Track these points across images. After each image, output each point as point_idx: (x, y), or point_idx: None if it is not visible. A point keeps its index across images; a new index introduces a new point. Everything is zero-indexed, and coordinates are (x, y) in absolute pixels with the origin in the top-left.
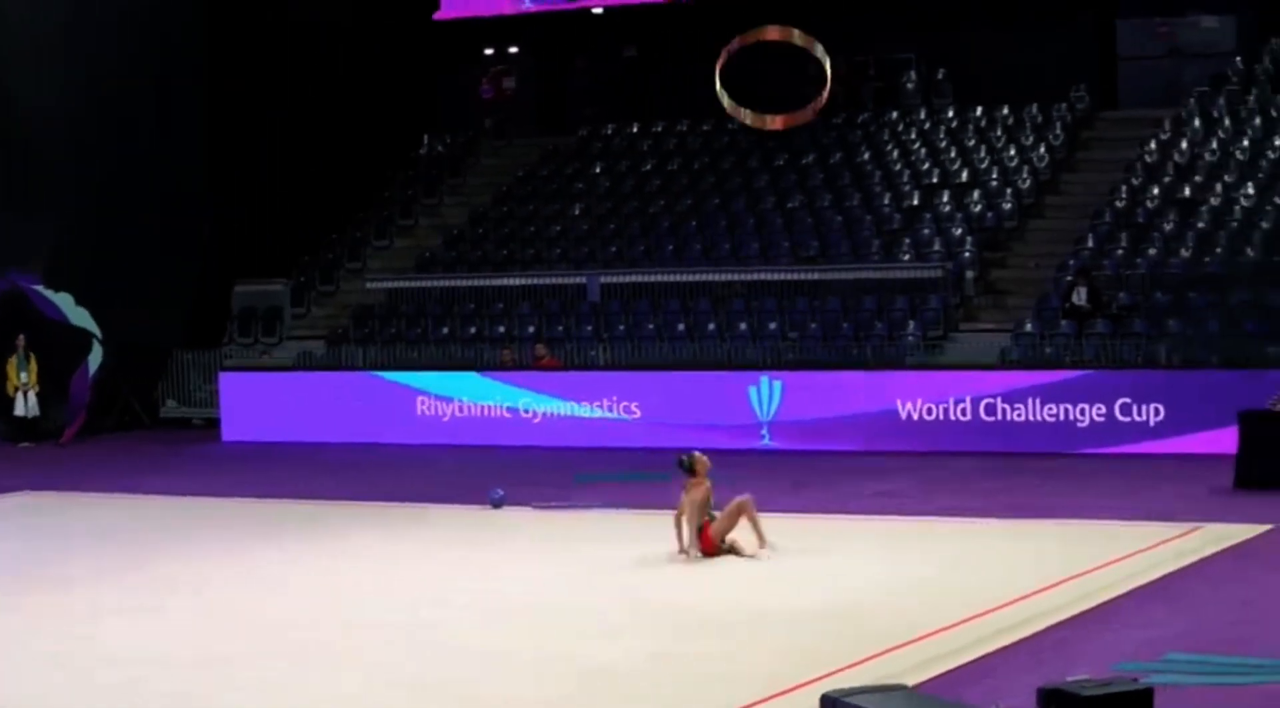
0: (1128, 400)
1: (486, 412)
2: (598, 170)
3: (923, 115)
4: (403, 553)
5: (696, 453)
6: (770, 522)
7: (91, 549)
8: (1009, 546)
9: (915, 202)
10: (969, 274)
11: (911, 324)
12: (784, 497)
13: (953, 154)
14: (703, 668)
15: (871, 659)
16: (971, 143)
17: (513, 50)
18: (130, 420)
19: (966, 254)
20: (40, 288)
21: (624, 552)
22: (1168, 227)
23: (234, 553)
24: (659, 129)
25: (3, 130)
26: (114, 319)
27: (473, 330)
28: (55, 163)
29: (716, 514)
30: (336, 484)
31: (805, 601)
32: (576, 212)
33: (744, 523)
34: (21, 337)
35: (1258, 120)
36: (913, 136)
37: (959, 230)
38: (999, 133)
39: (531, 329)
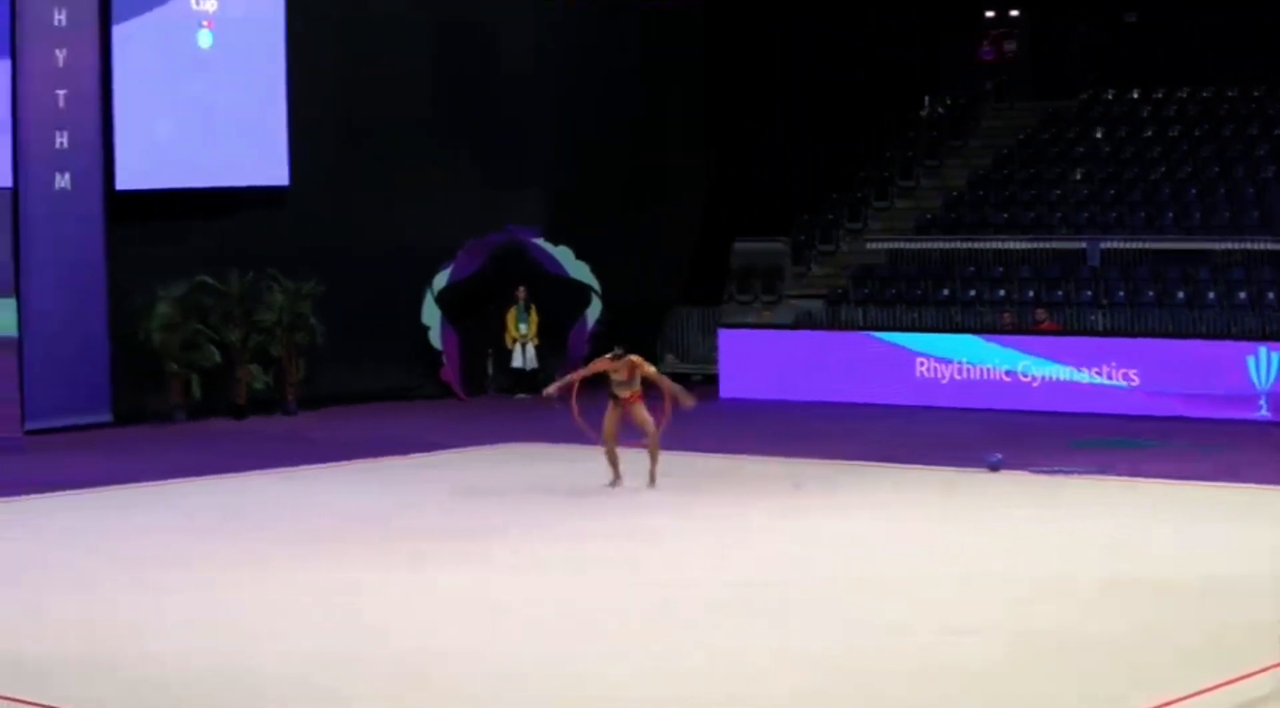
0: None
1: (985, 374)
2: (1098, 135)
3: None
4: (890, 514)
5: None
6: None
7: (544, 500)
8: None
9: None
10: None
11: None
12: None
13: None
14: (1192, 638)
15: None
16: None
17: (1014, 13)
18: None
19: None
20: (540, 241)
21: (1114, 522)
22: None
23: (705, 507)
24: (1159, 95)
25: (492, 88)
26: (613, 274)
27: (972, 293)
28: (549, 120)
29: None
30: (831, 443)
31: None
32: (1077, 176)
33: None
34: (522, 289)
35: None
36: None
37: None
38: None
39: (1030, 293)
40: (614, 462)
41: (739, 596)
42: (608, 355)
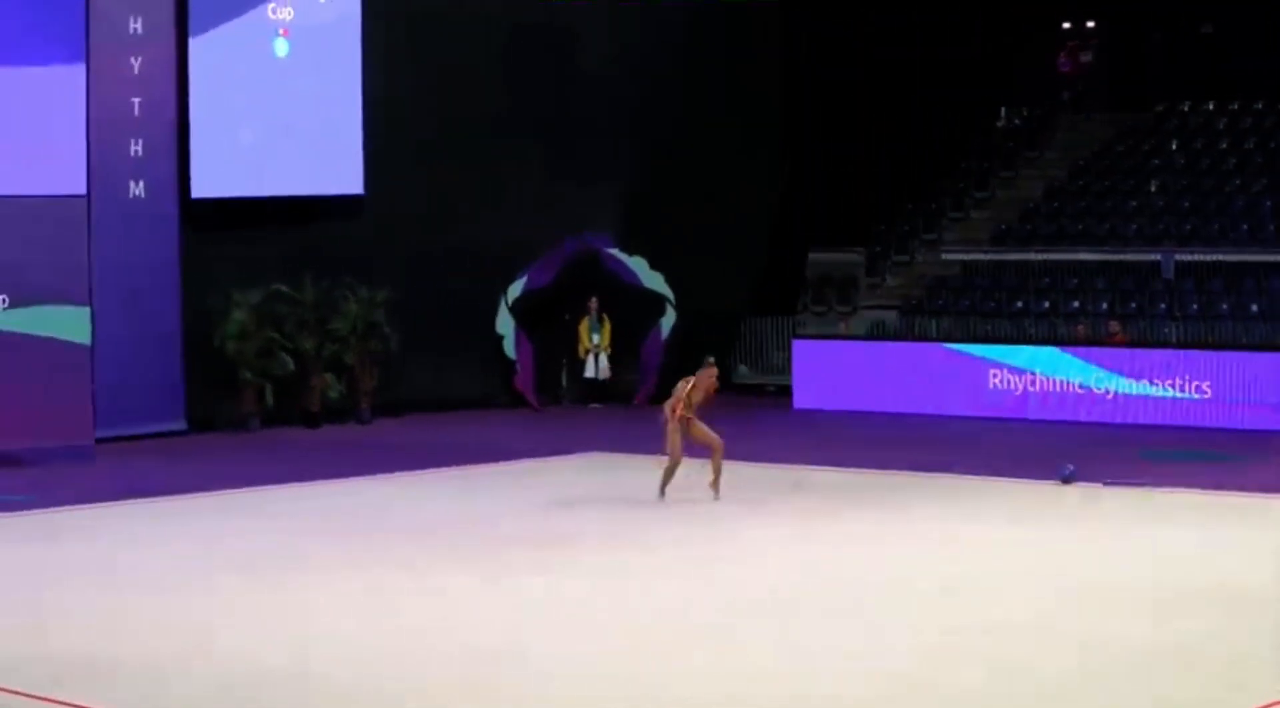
0: None
1: (1059, 387)
2: (1174, 147)
3: None
4: (958, 524)
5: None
6: None
7: (607, 510)
8: None
9: None
10: None
11: None
12: None
13: None
14: (1265, 646)
15: None
16: None
17: (1090, 24)
18: None
19: None
20: (615, 251)
21: (1186, 533)
22: None
23: (769, 517)
24: (1235, 107)
25: (568, 94)
26: (686, 283)
27: (1046, 305)
28: (625, 126)
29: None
30: (903, 455)
31: None
32: (1152, 188)
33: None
34: (594, 299)
35: None
36: None
37: None
38: None
39: (1105, 305)
40: (670, 479)
41: (806, 604)
42: (703, 372)
